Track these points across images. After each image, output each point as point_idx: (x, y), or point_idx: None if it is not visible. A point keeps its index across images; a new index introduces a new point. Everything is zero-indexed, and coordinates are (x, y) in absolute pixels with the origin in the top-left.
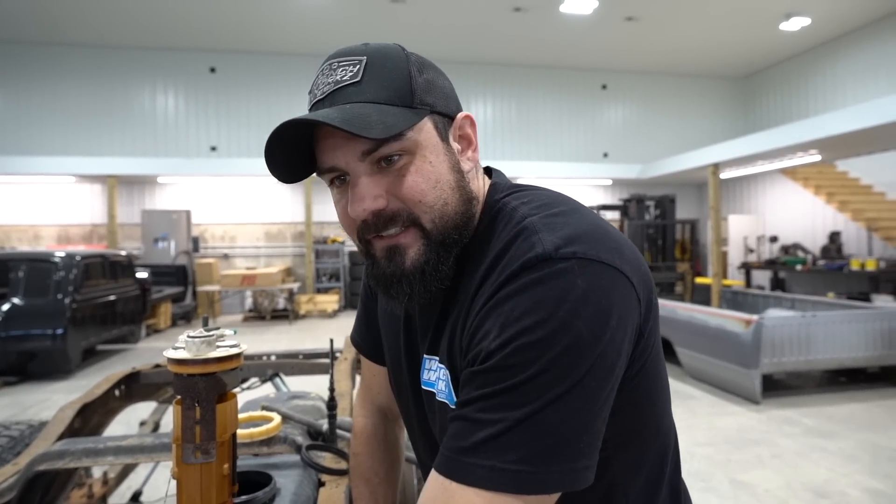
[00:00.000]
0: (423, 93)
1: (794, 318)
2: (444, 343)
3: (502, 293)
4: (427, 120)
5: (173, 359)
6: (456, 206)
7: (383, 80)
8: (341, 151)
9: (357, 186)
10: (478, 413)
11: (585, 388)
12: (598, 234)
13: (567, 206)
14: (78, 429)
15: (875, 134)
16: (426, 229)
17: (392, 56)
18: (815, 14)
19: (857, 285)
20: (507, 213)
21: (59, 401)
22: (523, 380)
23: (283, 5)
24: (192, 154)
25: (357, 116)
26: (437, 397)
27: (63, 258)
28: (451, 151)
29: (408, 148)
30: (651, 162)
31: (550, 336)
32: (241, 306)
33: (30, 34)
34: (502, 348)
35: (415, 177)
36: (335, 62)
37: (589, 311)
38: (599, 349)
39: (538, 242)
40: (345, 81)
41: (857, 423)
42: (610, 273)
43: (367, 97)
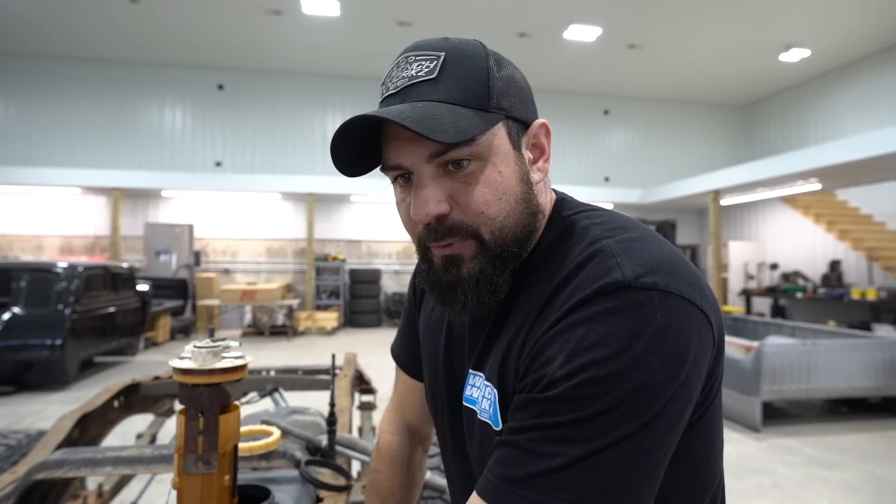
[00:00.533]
0: (500, 96)
1: (795, 345)
2: (494, 361)
3: (573, 318)
4: (501, 125)
5: (179, 369)
6: (518, 219)
7: (460, 79)
8: (409, 150)
9: (421, 189)
10: (533, 443)
11: (654, 432)
12: (678, 265)
13: (643, 232)
14: (76, 439)
15: (874, 164)
16: (484, 241)
17: (471, 54)
18: (815, 46)
19: (857, 314)
20: (578, 232)
21: (54, 412)
22: (588, 415)
23: (292, 26)
24: (197, 169)
25: (429, 117)
26: (480, 416)
27: (65, 269)
28: (521, 161)
29: (478, 153)
30: (652, 187)
31: (622, 372)
32: (240, 321)
33: (44, 49)
34: (568, 378)
35: (481, 187)
36: (412, 55)
37: (666, 349)
38: (672, 391)
39: (616, 267)
40: (420, 77)
41: (860, 454)
42: (690, 310)
43: (442, 96)
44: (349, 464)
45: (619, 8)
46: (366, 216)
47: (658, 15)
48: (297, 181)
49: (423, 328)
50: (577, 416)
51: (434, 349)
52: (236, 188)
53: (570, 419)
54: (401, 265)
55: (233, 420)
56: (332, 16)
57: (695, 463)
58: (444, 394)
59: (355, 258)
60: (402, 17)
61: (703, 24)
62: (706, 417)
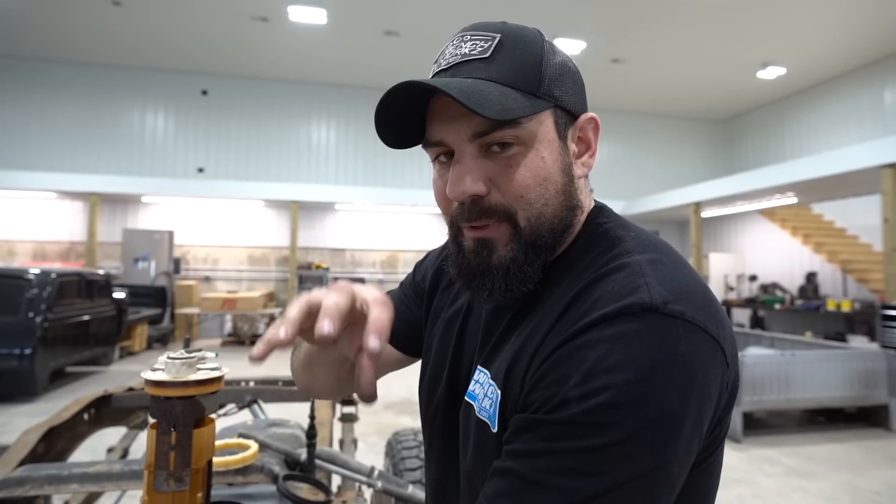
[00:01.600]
0: (552, 83)
1: (774, 356)
2: (503, 362)
3: (592, 335)
4: (549, 113)
5: (151, 380)
6: (556, 210)
7: (513, 61)
8: (452, 127)
9: (460, 165)
10: (541, 474)
11: (668, 474)
12: (706, 298)
13: (676, 258)
14: (41, 454)
15: (847, 179)
16: (519, 226)
17: (528, 39)
18: (791, 64)
19: (833, 325)
20: (609, 241)
21: (20, 424)
22: (601, 444)
23: (278, 33)
24: (179, 175)
25: (476, 92)
26: (478, 414)
27: (36, 275)
28: (566, 151)
29: (522, 137)
30: (635, 199)
31: (640, 401)
32: (220, 330)
33: (22, 50)
34: (581, 401)
35: (523, 170)
36: (468, 34)
37: (685, 383)
38: (687, 429)
39: (644, 288)
40: (473, 56)
41: (837, 464)
42: (712, 347)
43: (492, 75)
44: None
45: (604, 23)
46: (350, 225)
47: (641, 30)
48: (280, 188)
49: (436, 317)
50: (588, 444)
51: (446, 340)
52: (219, 195)
53: (580, 447)
54: (385, 274)
55: (207, 434)
56: (319, 24)
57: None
58: (446, 386)
59: (339, 267)
60: (390, 26)
61: (684, 41)
62: (707, 464)
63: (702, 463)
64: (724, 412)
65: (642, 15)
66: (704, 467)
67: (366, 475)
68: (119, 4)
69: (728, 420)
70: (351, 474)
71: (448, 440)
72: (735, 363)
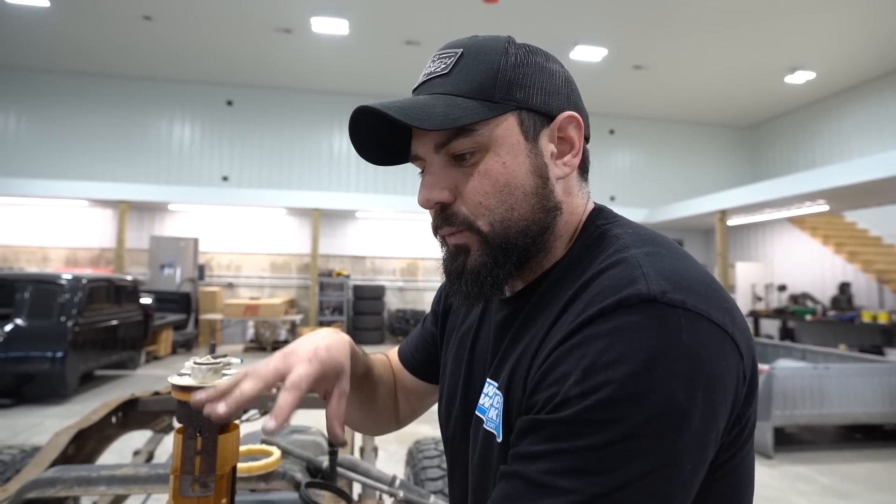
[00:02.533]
0: (511, 87)
1: (807, 369)
2: (507, 368)
3: (590, 331)
4: (510, 116)
5: (178, 385)
6: (525, 213)
7: (469, 72)
8: (421, 141)
9: (427, 175)
10: (545, 476)
11: (679, 470)
12: (710, 287)
13: (676, 249)
14: (71, 456)
15: (881, 186)
16: (483, 233)
17: (489, 48)
18: (820, 69)
19: (868, 338)
20: (608, 240)
21: (52, 426)
22: (603, 442)
23: (301, 44)
24: (204, 183)
25: (418, 107)
26: (485, 426)
27: (69, 281)
28: (536, 153)
29: (481, 143)
30: (658, 206)
31: (643, 394)
32: (242, 336)
33: (57, 64)
34: (582, 398)
35: (481, 178)
36: (438, 54)
37: (692, 375)
38: (697, 423)
39: (640, 279)
40: (436, 73)
41: (876, 484)
42: (720, 336)
43: (448, 89)
44: (350, 486)
45: (625, 29)
46: (371, 232)
47: (663, 36)
48: (302, 196)
49: (450, 337)
50: (591, 442)
51: (459, 359)
52: (242, 203)
53: (583, 445)
54: (405, 282)
55: (232, 440)
56: (341, 34)
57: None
58: (461, 405)
59: (359, 274)
60: (410, 36)
61: (708, 46)
62: (732, 465)
63: (726, 464)
64: (745, 407)
65: (664, 21)
66: (729, 469)
67: (387, 484)
68: (150, 19)
69: (751, 417)
70: (372, 483)
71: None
72: (751, 354)
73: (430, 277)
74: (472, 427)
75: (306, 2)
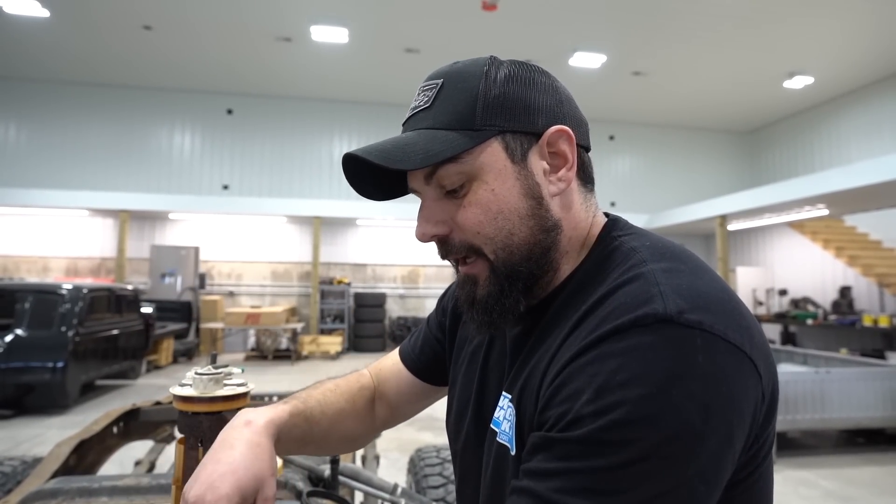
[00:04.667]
0: (492, 112)
1: (808, 373)
2: (521, 382)
3: (604, 349)
4: (494, 141)
5: (179, 396)
6: (525, 237)
7: (449, 103)
8: (412, 176)
9: (422, 210)
10: (557, 494)
11: (692, 493)
12: (728, 306)
13: (695, 265)
14: (73, 466)
15: (880, 190)
16: (490, 260)
17: (468, 74)
18: (818, 73)
19: (869, 342)
20: (624, 253)
21: (53, 436)
22: (616, 464)
23: (301, 52)
24: (205, 192)
25: (399, 148)
26: (498, 438)
27: (69, 291)
28: (525, 174)
29: (468, 173)
30: (658, 212)
31: (657, 416)
32: (243, 345)
33: (57, 74)
34: (595, 417)
35: (473, 208)
36: (422, 86)
37: (707, 396)
38: (712, 446)
39: (658, 297)
40: (420, 107)
41: (880, 489)
42: (737, 357)
43: (430, 123)
44: (352, 495)
45: (624, 36)
46: (371, 240)
47: (662, 42)
48: (303, 205)
49: (460, 349)
50: (604, 463)
51: (470, 374)
52: (243, 211)
53: (596, 466)
54: (406, 289)
55: None
56: (341, 43)
57: None
58: (472, 419)
59: (360, 282)
60: (410, 44)
61: (707, 52)
62: (752, 481)
63: (745, 480)
64: (764, 426)
65: (663, 28)
66: (749, 484)
67: (389, 492)
68: (150, 29)
69: (770, 436)
70: (374, 491)
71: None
72: (770, 374)
73: (431, 284)
74: (486, 440)
75: (306, 10)
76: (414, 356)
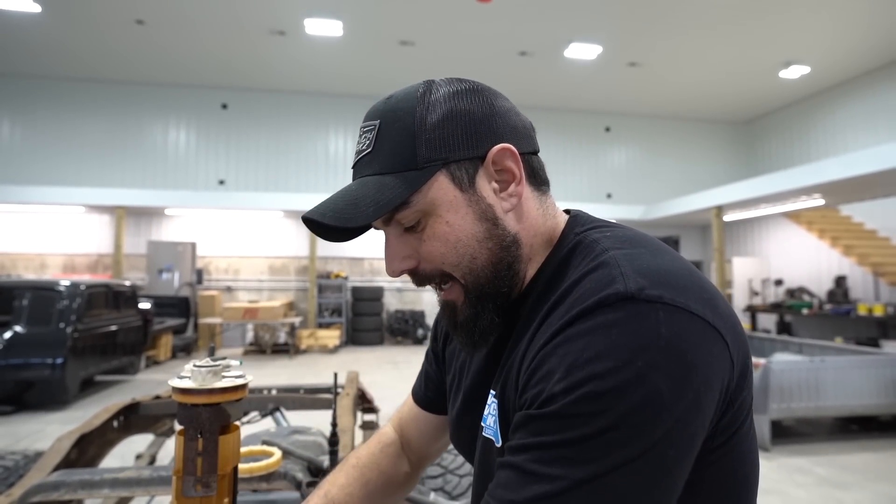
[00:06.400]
0: (432, 147)
1: (803, 362)
2: (503, 377)
3: (572, 330)
4: (439, 175)
5: (178, 388)
6: (487, 258)
7: (390, 145)
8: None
9: (387, 248)
10: (533, 464)
11: (662, 457)
12: (689, 280)
13: (656, 246)
14: (74, 460)
15: (876, 180)
16: (461, 283)
17: (402, 112)
18: (814, 63)
19: (864, 330)
20: (587, 246)
21: (53, 432)
22: (588, 434)
23: (295, 46)
24: (201, 187)
25: (350, 204)
26: (484, 433)
27: (67, 287)
28: (476, 200)
29: (422, 209)
30: (655, 203)
31: (623, 387)
32: (241, 340)
33: (50, 70)
34: (566, 393)
35: (432, 242)
36: (362, 127)
37: (671, 366)
38: (679, 412)
39: (619, 278)
40: (363, 152)
41: (874, 474)
42: (699, 326)
43: (375, 169)
44: None
45: (620, 26)
46: (369, 234)
47: (658, 33)
48: (299, 199)
49: (450, 364)
50: (575, 434)
51: (458, 389)
52: (239, 206)
53: (568, 438)
54: (403, 283)
55: (233, 441)
56: (335, 36)
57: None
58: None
59: (358, 276)
60: (405, 37)
61: (702, 42)
62: (731, 446)
63: (724, 445)
64: (737, 391)
65: (659, 18)
66: (728, 449)
67: None
68: (142, 23)
69: (746, 399)
70: None
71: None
72: (739, 342)
73: None
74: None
75: (300, 3)
76: (422, 393)
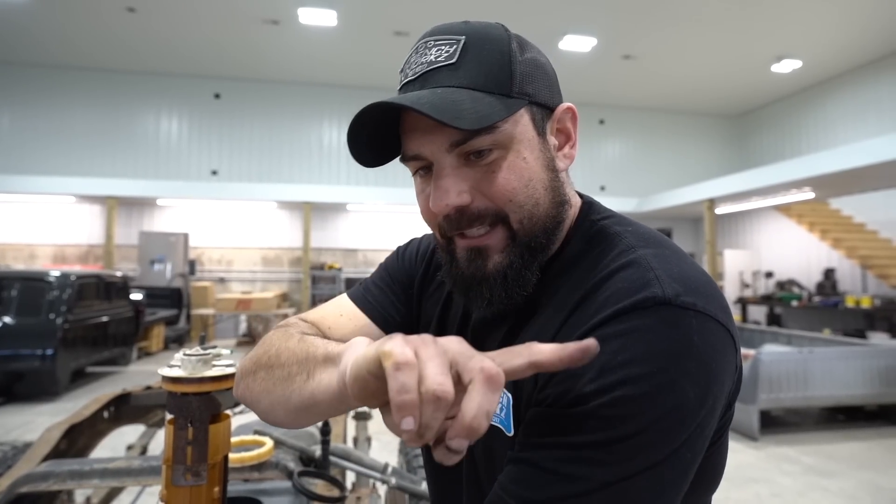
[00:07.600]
0: (524, 80)
1: (792, 353)
2: None
3: (606, 330)
4: (524, 111)
5: (168, 377)
6: (547, 208)
7: (481, 63)
8: (428, 139)
9: (441, 179)
10: (556, 463)
11: (681, 460)
12: (712, 288)
13: (675, 249)
14: (64, 450)
15: (865, 173)
16: (513, 230)
17: (493, 37)
18: (806, 57)
19: (852, 322)
20: (610, 238)
21: (43, 423)
22: (616, 437)
23: (289, 35)
24: (193, 177)
25: (449, 103)
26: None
27: (57, 278)
28: (546, 147)
29: (501, 142)
30: (648, 196)
31: (656, 393)
32: (234, 331)
33: (40, 57)
34: (598, 395)
35: (506, 174)
36: (431, 40)
37: (700, 373)
38: (700, 417)
39: (655, 282)
40: (439, 62)
41: (858, 463)
42: (722, 334)
43: (462, 81)
44: (343, 475)
45: (614, 19)
46: (362, 225)
47: (652, 26)
48: (293, 190)
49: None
50: (605, 436)
51: None
52: (232, 197)
53: (597, 439)
54: None
55: (223, 430)
56: (329, 25)
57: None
58: None
59: (351, 267)
60: (399, 27)
61: (696, 36)
62: (718, 445)
63: (714, 444)
64: (735, 393)
65: (653, 10)
66: (715, 448)
67: (380, 472)
68: (133, 11)
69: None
70: (365, 471)
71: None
72: (739, 344)
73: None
74: None
75: None
76: (382, 309)
